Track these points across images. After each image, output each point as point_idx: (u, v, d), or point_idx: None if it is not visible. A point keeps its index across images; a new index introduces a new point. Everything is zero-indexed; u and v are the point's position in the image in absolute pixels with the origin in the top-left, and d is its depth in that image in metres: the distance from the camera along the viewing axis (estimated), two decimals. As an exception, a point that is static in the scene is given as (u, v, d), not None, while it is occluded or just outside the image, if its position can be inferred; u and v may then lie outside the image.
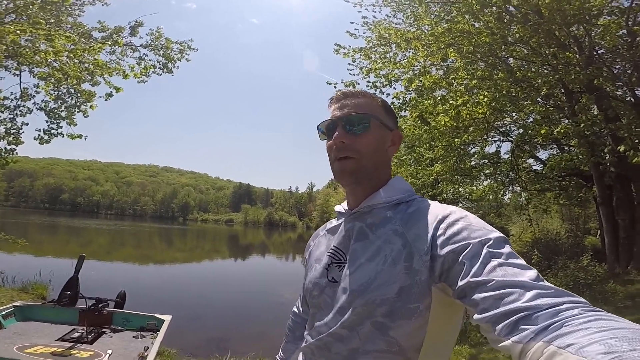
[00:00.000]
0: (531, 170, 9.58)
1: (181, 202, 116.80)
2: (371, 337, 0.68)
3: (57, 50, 5.31)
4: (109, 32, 6.58)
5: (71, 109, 6.82)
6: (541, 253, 9.69)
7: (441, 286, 0.64)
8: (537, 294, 0.49)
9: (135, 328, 2.83)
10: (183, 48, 7.43)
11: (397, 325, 0.66)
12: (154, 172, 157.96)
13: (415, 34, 4.63)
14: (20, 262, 10.37)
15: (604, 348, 0.36)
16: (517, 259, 0.57)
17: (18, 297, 6.22)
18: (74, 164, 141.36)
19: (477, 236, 0.61)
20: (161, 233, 40.25)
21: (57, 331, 2.55)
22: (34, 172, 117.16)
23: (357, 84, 6.96)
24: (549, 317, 0.45)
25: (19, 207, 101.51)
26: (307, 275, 0.89)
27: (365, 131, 0.79)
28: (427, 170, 9.28)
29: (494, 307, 0.51)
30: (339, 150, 0.78)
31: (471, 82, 4.38)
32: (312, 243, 0.96)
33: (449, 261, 0.61)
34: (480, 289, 0.54)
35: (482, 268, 0.56)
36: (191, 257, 20.85)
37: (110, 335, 2.64)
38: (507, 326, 0.48)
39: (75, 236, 27.01)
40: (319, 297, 0.80)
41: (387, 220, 0.75)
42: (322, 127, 0.84)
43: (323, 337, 0.74)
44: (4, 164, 6.42)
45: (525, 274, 0.53)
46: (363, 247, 0.74)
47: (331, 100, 0.86)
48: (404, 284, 0.66)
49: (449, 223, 0.66)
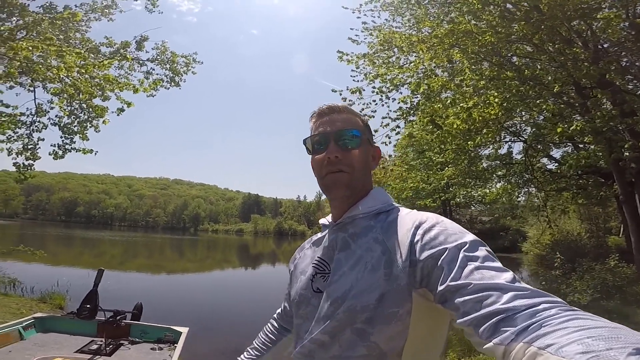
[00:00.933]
0: (546, 170, 9.37)
1: (192, 214, 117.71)
2: (351, 343, 0.68)
3: (69, 66, 5.44)
4: (116, 47, 6.71)
5: (83, 124, 6.94)
6: (563, 255, 9.41)
7: (422, 292, 0.65)
8: (514, 295, 0.50)
9: (152, 340, 2.83)
10: (188, 61, 7.52)
11: (377, 330, 0.67)
12: (164, 184, 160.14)
13: (419, 37, 4.61)
14: (39, 273, 10.56)
15: (582, 347, 0.37)
16: (493, 262, 0.59)
17: (37, 307, 6.32)
18: (88, 178, 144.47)
19: (453, 240, 0.63)
20: (173, 244, 40.56)
21: (75, 343, 2.56)
22: (50, 187, 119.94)
23: (363, 90, 6.96)
24: (527, 317, 0.46)
25: (37, 219, 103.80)
26: (292, 286, 0.91)
27: (356, 147, 0.82)
28: (438, 174, 9.18)
29: (474, 310, 0.52)
30: (333, 165, 0.80)
31: (479, 83, 4.32)
32: (298, 255, 0.97)
33: (428, 266, 0.63)
34: (460, 293, 0.55)
35: (459, 272, 0.57)
36: (203, 267, 20.93)
37: (128, 347, 2.64)
38: (488, 328, 0.49)
39: (90, 247, 27.39)
40: (305, 307, 0.81)
41: (368, 230, 0.77)
42: (312, 141, 0.85)
43: (306, 344, 0.75)
44: (22, 179, 6.51)
45: (501, 276, 0.55)
46: (346, 257, 0.76)
47: (316, 115, 0.87)
48: (384, 290, 0.67)
49: (425, 229, 0.68)
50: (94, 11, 6.32)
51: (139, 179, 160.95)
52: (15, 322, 2.56)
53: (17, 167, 6.44)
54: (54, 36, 5.38)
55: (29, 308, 6.14)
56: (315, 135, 0.85)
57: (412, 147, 12.82)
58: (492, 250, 0.63)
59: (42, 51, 5.00)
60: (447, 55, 4.51)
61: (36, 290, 7.85)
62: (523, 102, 3.99)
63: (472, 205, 24.98)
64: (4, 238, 8.97)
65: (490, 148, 8.60)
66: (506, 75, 4.14)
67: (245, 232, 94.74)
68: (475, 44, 4.38)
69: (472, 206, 27.37)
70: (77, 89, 6.25)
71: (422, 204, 10.24)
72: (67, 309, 6.68)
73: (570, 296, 7.53)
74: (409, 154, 12.50)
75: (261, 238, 74.99)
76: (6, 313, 5.58)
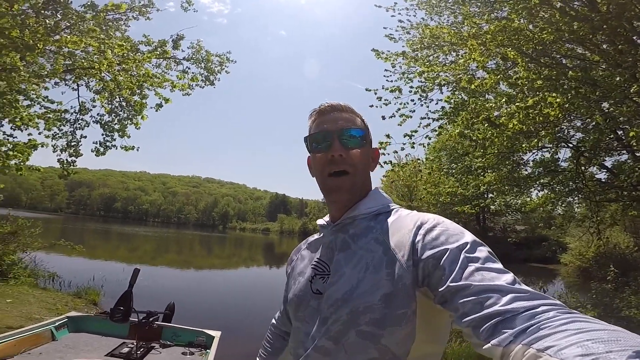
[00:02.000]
0: (596, 180, 8.67)
1: (221, 211, 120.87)
2: (359, 347, 0.67)
3: (110, 61, 5.56)
4: (154, 46, 6.83)
5: (123, 121, 7.11)
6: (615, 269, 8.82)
7: (424, 290, 0.65)
8: (513, 297, 0.50)
9: (183, 343, 2.75)
10: (222, 60, 7.57)
11: (388, 332, 0.65)
12: (197, 182, 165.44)
13: (470, 32, 4.32)
14: (76, 267, 10.99)
15: (582, 350, 0.36)
16: (494, 263, 0.59)
17: (72, 303, 6.50)
18: (126, 175, 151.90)
19: (454, 241, 0.63)
20: (203, 240, 41.64)
21: (107, 344, 2.51)
22: (91, 183, 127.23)
23: (401, 88, 6.70)
24: (526, 319, 0.46)
25: (78, 214, 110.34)
26: (289, 288, 0.89)
27: (359, 146, 0.82)
28: (477, 180, 8.70)
29: (473, 311, 0.52)
30: (336, 164, 0.79)
31: (537, 83, 3.98)
32: (295, 257, 0.96)
33: (429, 266, 0.63)
34: (460, 294, 0.55)
35: (460, 273, 0.57)
36: (230, 264, 21.26)
37: (159, 350, 2.56)
38: (487, 330, 0.49)
39: (126, 242, 28.60)
40: (304, 310, 0.79)
41: (368, 230, 0.76)
42: (313, 139, 0.84)
43: (310, 353, 0.72)
44: (66, 175, 6.72)
45: (501, 278, 0.54)
46: (346, 257, 0.75)
47: (316, 113, 0.86)
48: (387, 291, 0.66)
49: (427, 229, 0.68)
50: (132, 10, 6.46)
51: (172, 177, 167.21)
52: (49, 322, 2.54)
53: (61, 163, 6.65)
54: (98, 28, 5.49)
55: (64, 304, 6.33)
56: (317, 133, 0.83)
57: (446, 151, 12.36)
58: (492, 251, 0.62)
59: (84, 45, 5.08)
60: (498, 53, 4.20)
61: (73, 284, 8.14)
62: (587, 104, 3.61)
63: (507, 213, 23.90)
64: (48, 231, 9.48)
65: (537, 154, 8.07)
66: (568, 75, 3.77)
67: (272, 231, 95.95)
68: (530, 42, 4.08)
69: (507, 214, 26.22)
70: (118, 84, 6.37)
71: (459, 210, 9.79)
72: (100, 305, 6.86)
73: (625, 310, 7.04)
74: (442, 157, 12.06)
75: (287, 237, 75.59)
76: (42, 308, 5.76)
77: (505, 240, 29.76)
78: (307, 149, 0.87)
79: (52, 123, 6.41)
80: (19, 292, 6.44)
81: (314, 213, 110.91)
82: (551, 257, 25.90)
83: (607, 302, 7.84)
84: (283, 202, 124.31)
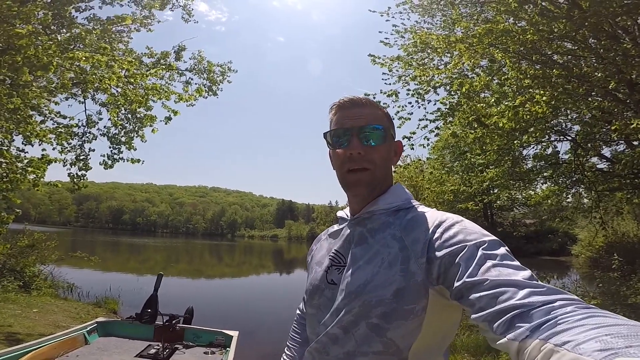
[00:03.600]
0: (597, 170, 8.74)
1: (229, 220, 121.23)
2: (367, 338, 0.69)
3: (118, 76, 5.68)
4: (156, 58, 6.88)
5: (130, 134, 7.11)
6: (621, 257, 8.80)
7: (439, 289, 0.65)
8: (530, 292, 0.50)
9: (204, 344, 2.94)
10: (224, 70, 7.61)
11: (393, 326, 0.67)
12: (203, 192, 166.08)
13: (457, 37, 4.50)
14: (91, 278, 11.27)
15: (600, 345, 0.36)
16: (511, 261, 0.58)
17: (94, 312, 6.76)
18: (133, 188, 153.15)
19: (472, 239, 0.63)
20: (212, 249, 41.91)
21: (134, 347, 2.71)
22: (98, 196, 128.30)
23: (398, 92, 6.87)
24: (543, 314, 0.46)
25: (87, 227, 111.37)
26: (308, 277, 0.92)
27: (380, 143, 0.81)
28: (479, 176, 8.83)
29: (489, 306, 0.52)
30: (355, 162, 0.79)
31: (524, 82, 4.14)
32: (315, 247, 0.99)
33: (445, 263, 0.63)
34: (476, 288, 0.55)
35: (477, 269, 0.57)
36: (242, 272, 21.44)
37: (182, 351, 2.75)
38: (502, 324, 0.49)
39: (137, 253, 28.94)
40: (319, 298, 0.82)
41: (386, 226, 0.77)
42: (333, 135, 0.84)
43: (321, 338, 0.76)
44: (76, 189, 6.72)
45: (519, 274, 0.54)
46: (362, 251, 0.77)
47: (336, 107, 0.85)
48: (399, 286, 0.67)
49: (445, 227, 0.68)
50: (133, 22, 6.50)
51: (179, 188, 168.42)
52: (81, 327, 2.75)
53: (71, 177, 6.63)
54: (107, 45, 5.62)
55: (86, 312, 6.59)
56: (337, 129, 0.83)
57: (449, 150, 12.47)
58: (510, 251, 0.62)
59: (94, 61, 5.11)
60: (487, 54, 4.37)
61: (91, 295, 8.40)
62: (573, 100, 3.76)
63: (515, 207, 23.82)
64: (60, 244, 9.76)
65: (535, 148, 8.17)
66: (552, 73, 3.93)
67: (280, 237, 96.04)
68: (515, 42, 4.22)
69: (515, 209, 26.11)
70: (127, 99, 6.41)
71: (463, 207, 9.89)
72: (120, 314, 7.10)
73: (632, 298, 7.06)
74: (446, 156, 12.19)
75: (295, 243, 75.69)
76: (67, 317, 6.03)
77: (515, 234, 29.58)
78: (327, 144, 0.87)
79: (64, 138, 6.46)
80: (43, 303, 6.73)
81: (321, 218, 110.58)
82: (562, 249, 25.63)
83: (613, 290, 7.83)
84: (290, 208, 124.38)
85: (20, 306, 6.16)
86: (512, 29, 4.02)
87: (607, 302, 6.99)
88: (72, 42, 5.12)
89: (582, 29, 3.79)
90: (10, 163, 5.29)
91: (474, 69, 4.64)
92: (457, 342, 5.07)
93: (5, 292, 6.95)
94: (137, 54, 6.94)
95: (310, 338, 0.83)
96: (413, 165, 9.95)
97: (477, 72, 5.48)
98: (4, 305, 6.03)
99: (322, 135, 0.87)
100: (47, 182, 6.23)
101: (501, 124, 4.06)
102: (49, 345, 2.34)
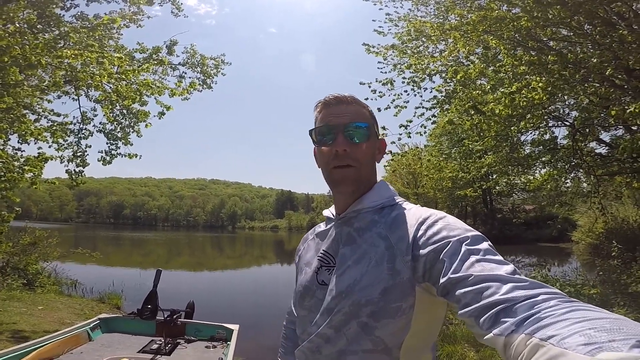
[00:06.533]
0: (596, 154, 8.73)
1: (229, 212, 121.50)
2: (357, 337, 0.70)
3: (109, 73, 5.64)
4: (148, 53, 6.78)
5: (126, 129, 7.09)
6: (620, 244, 8.76)
7: (425, 286, 0.66)
8: (513, 287, 0.50)
9: (206, 338, 2.97)
10: (217, 63, 7.54)
11: (381, 324, 0.68)
12: (202, 185, 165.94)
13: (452, 24, 4.45)
14: (94, 273, 11.28)
15: (584, 339, 0.36)
16: (494, 255, 0.59)
17: (97, 308, 6.83)
18: (132, 182, 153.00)
19: (455, 235, 0.63)
20: (214, 241, 42.15)
21: (137, 342, 2.74)
22: (98, 191, 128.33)
23: (394, 81, 6.82)
24: (526, 308, 0.46)
25: (89, 222, 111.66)
26: (297, 278, 0.92)
27: (364, 140, 0.82)
28: (477, 163, 8.83)
29: (474, 301, 0.53)
30: (340, 159, 0.80)
31: (519, 69, 4.11)
32: (302, 247, 0.98)
33: (430, 260, 0.64)
34: (461, 284, 0.56)
35: (461, 265, 0.58)
36: (243, 263, 21.62)
37: (184, 346, 2.78)
38: (488, 319, 0.49)
39: (138, 248, 29.10)
40: (310, 299, 0.82)
41: (373, 224, 0.78)
42: (318, 132, 0.84)
43: (313, 339, 0.76)
44: (74, 185, 6.75)
45: (501, 269, 0.55)
46: (351, 251, 0.77)
47: (322, 105, 0.86)
48: (386, 285, 0.68)
49: (429, 224, 0.69)
50: (123, 18, 6.40)
51: (178, 181, 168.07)
52: (84, 324, 2.78)
53: (69, 174, 6.66)
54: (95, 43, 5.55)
55: (90, 308, 6.66)
56: (322, 126, 0.83)
57: (447, 136, 12.44)
58: (493, 245, 0.63)
59: (84, 59, 5.09)
60: (482, 41, 4.33)
61: (94, 290, 8.47)
62: (569, 86, 3.73)
63: (515, 193, 23.85)
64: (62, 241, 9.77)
65: (533, 134, 8.15)
66: (548, 59, 3.90)
67: (280, 228, 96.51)
68: (510, 29, 4.17)
69: (515, 194, 26.14)
70: (120, 95, 6.38)
71: (462, 194, 9.92)
72: (123, 309, 7.17)
73: (632, 286, 7.05)
74: (444, 142, 12.17)
75: (295, 233, 75.98)
76: (71, 314, 6.10)
77: (514, 221, 29.56)
78: (312, 142, 0.87)
79: (59, 135, 6.45)
80: (47, 300, 6.80)
81: (321, 207, 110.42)
82: (562, 236, 25.38)
83: (614, 278, 7.79)
84: (289, 199, 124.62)
85: (25, 304, 6.23)
86: (506, 16, 3.98)
87: (607, 290, 6.91)
88: (59, 40, 5.04)
89: (577, 15, 3.75)
90: (6, 162, 5.30)
91: (468, 56, 4.59)
92: (457, 332, 5.14)
93: (10, 290, 7.02)
94: (128, 50, 6.85)
95: (301, 338, 0.84)
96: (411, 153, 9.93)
97: (472, 59, 5.43)
98: (10, 303, 6.09)
99: (304, 135, 0.87)
100: (46, 180, 6.24)
101: (498, 110, 4.05)
102: (52, 343, 2.37)
